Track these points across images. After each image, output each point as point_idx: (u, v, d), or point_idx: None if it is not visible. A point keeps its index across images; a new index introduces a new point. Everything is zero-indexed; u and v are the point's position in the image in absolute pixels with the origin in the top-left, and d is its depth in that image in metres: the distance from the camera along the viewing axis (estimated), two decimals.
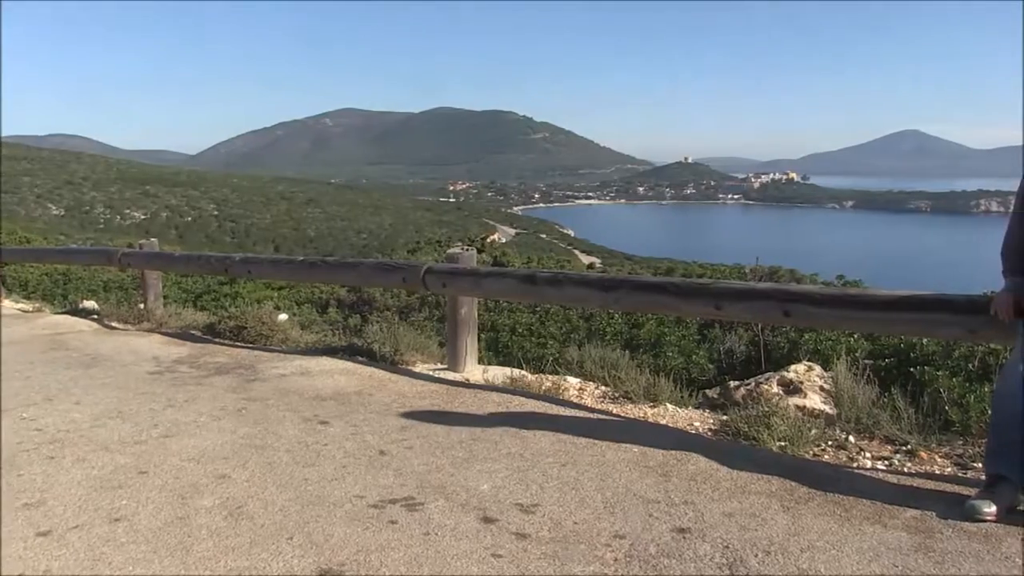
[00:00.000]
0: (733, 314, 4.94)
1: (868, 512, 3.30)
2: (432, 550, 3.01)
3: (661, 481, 3.69)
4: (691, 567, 2.85)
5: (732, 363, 6.96)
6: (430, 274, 6.22)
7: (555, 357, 6.76)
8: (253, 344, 7.44)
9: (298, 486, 3.69)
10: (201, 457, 4.10)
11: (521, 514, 3.34)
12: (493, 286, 6.11)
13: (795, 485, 3.61)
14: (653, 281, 5.44)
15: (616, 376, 5.75)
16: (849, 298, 4.45)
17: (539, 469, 3.86)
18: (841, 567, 2.82)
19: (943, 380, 4.83)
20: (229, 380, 5.83)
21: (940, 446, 4.34)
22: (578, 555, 2.95)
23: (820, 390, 5.24)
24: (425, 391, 5.45)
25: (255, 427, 4.63)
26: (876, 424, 4.59)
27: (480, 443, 4.25)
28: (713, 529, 3.16)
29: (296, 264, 8.16)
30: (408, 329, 7.51)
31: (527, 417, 4.73)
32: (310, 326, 8.87)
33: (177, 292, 14.80)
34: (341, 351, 6.85)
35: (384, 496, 3.55)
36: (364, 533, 3.17)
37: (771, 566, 2.84)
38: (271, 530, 3.21)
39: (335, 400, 5.23)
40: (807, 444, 4.38)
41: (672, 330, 7.88)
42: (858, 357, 5.51)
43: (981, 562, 2.84)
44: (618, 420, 4.89)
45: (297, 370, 6.06)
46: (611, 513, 3.34)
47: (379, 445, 4.27)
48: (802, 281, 10.93)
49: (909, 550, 2.94)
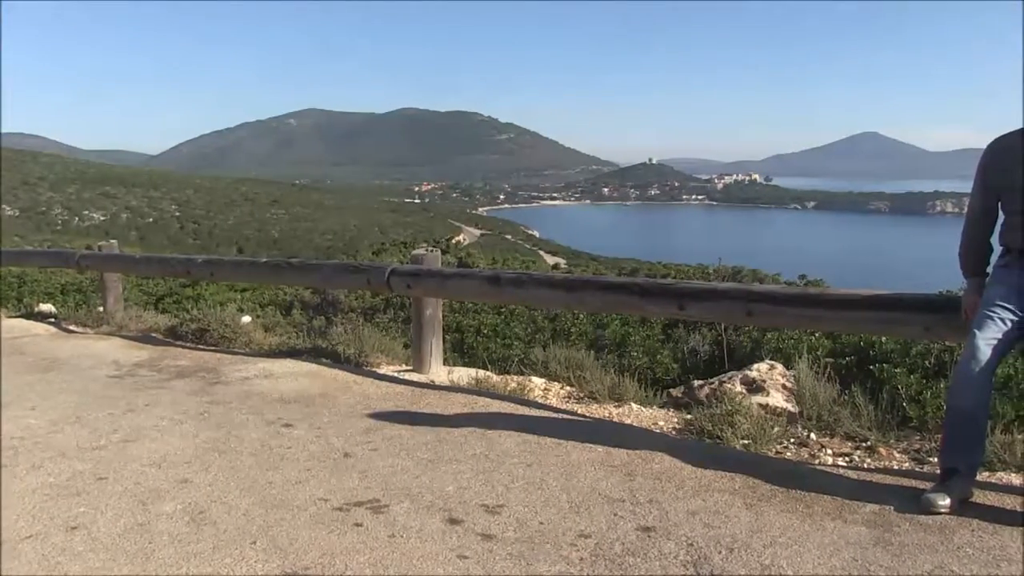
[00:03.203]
0: (696, 314, 4.98)
1: (829, 508, 3.35)
2: (398, 552, 3.00)
3: (626, 480, 3.71)
4: (656, 565, 2.87)
5: (696, 362, 7.00)
6: (395, 275, 6.21)
7: (520, 358, 6.76)
8: (216, 347, 7.37)
9: (262, 490, 3.66)
10: (162, 462, 4.06)
11: (487, 515, 3.34)
12: (458, 287, 6.12)
13: (758, 482, 3.64)
14: (617, 281, 5.47)
15: (581, 376, 5.77)
16: (810, 298, 4.51)
17: (504, 470, 3.86)
18: (803, 562, 2.86)
19: (901, 377, 4.90)
20: (191, 383, 5.78)
21: (898, 442, 4.41)
22: (544, 555, 2.96)
23: (782, 388, 5.29)
24: (390, 393, 5.44)
25: (218, 431, 4.59)
26: (837, 421, 4.66)
27: (445, 444, 4.25)
28: (677, 527, 3.18)
29: (259, 266, 8.10)
30: (373, 331, 7.47)
31: (492, 418, 4.74)
32: (274, 328, 8.78)
33: (138, 295, 14.60)
34: (305, 353, 6.81)
35: (349, 499, 3.54)
36: (329, 536, 3.15)
37: (735, 563, 2.87)
38: (234, 535, 3.18)
39: (299, 403, 5.20)
40: (770, 442, 4.43)
41: (637, 330, 7.91)
42: (819, 356, 5.57)
43: (936, 553, 2.90)
44: (583, 420, 4.91)
45: (260, 373, 6.02)
46: (576, 513, 3.35)
47: (344, 447, 4.25)
48: (765, 281, 11.03)
49: (868, 544, 2.98)
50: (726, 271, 10.53)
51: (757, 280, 10.94)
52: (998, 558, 2.86)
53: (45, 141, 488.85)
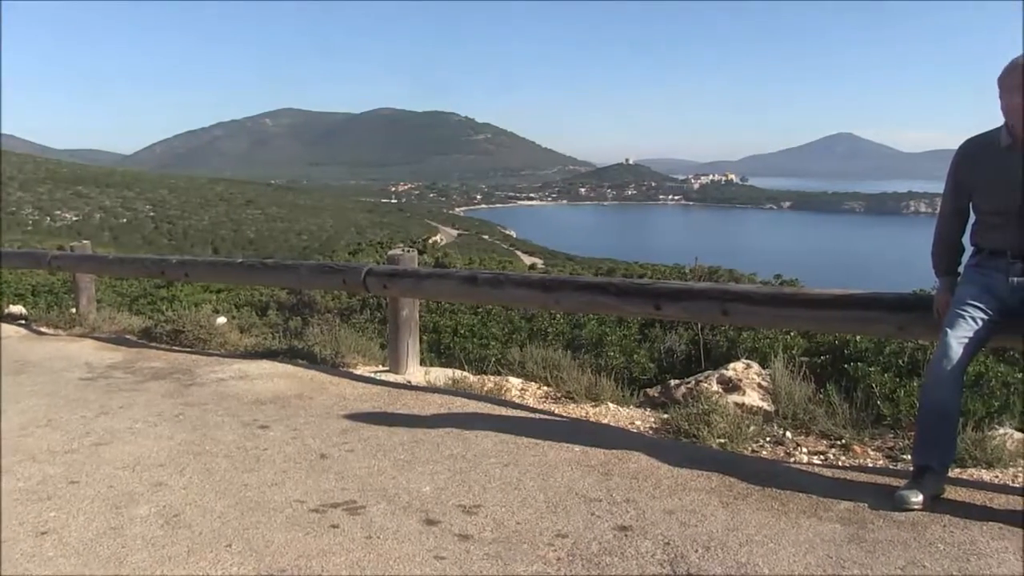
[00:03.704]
0: (673, 314, 4.99)
1: (804, 505, 3.37)
2: (374, 553, 2.99)
3: (603, 480, 3.72)
4: (633, 564, 2.88)
5: (672, 362, 7.02)
6: (371, 276, 6.19)
7: (497, 358, 6.76)
8: (191, 348, 7.32)
9: (237, 492, 3.64)
10: (136, 465, 4.02)
11: (464, 515, 3.34)
12: (434, 287, 6.11)
13: (734, 481, 3.66)
14: (594, 282, 5.48)
15: (558, 376, 5.78)
16: (785, 297, 4.54)
17: (481, 470, 3.86)
18: (778, 560, 2.87)
19: (875, 376, 4.95)
20: (166, 385, 5.73)
21: (873, 439, 4.45)
22: (521, 555, 2.96)
23: (758, 387, 5.33)
24: (367, 393, 5.42)
25: (193, 433, 4.56)
26: (812, 420, 4.69)
27: (422, 445, 4.24)
28: (654, 526, 3.19)
29: (235, 266, 8.05)
30: (349, 331, 7.46)
31: (469, 418, 4.74)
32: (249, 329, 8.75)
33: (111, 296, 14.47)
34: (281, 354, 6.78)
35: (325, 500, 3.52)
36: (305, 538, 3.14)
37: (711, 561, 2.88)
38: (209, 538, 3.16)
39: (275, 404, 5.17)
40: (746, 440, 4.45)
41: (613, 330, 7.93)
42: (795, 355, 5.61)
43: (908, 549, 2.93)
44: (560, 420, 4.91)
45: (236, 374, 5.98)
46: (553, 512, 3.35)
47: (320, 449, 4.23)
48: (741, 280, 11.09)
49: (843, 541, 3.01)
50: (702, 271, 10.57)
51: (733, 280, 10.99)
52: (968, 553, 2.90)
53: (16, 140, 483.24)
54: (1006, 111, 3.45)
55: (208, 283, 13.98)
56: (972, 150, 3.62)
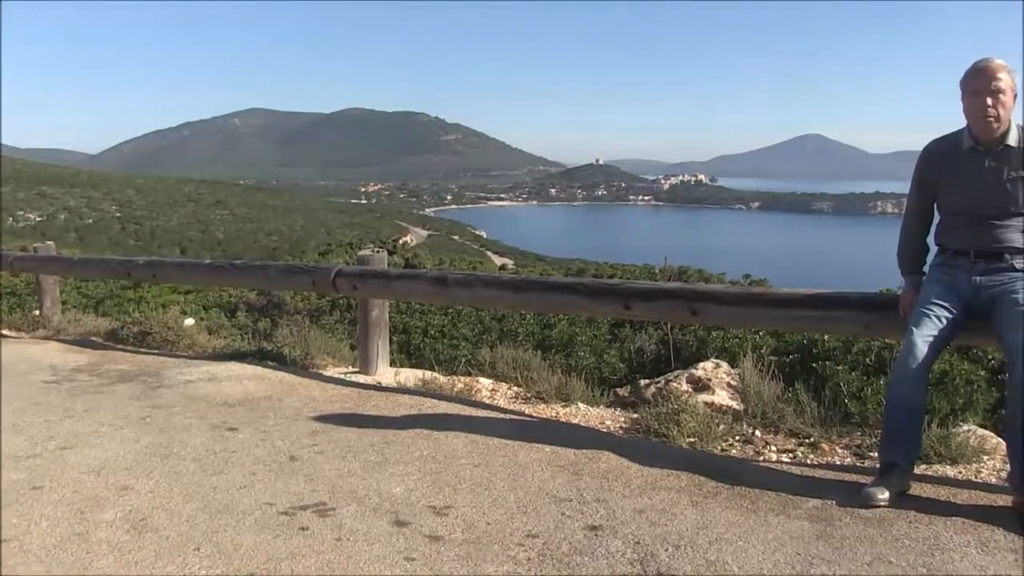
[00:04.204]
0: (642, 313, 5.01)
1: (773, 503, 3.39)
2: (344, 556, 2.98)
3: (573, 479, 3.72)
4: (603, 564, 2.89)
5: (642, 362, 7.05)
6: (340, 276, 6.16)
7: (467, 358, 6.76)
8: (158, 350, 7.25)
9: (206, 495, 3.61)
10: (102, 469, 3.97)
11: (434, 516, 3.33)
12: (404, 288, 6.09)
13: (704, 480, 3.68)
14: (564, 282, 5.49)
15: (528, 376, 5.79)
16: (754, 297, 4.58)
17: (452, 471, 3.85)
18: (748, 557, 2.89)
19: (843, 374, 4.99)
20: (132, 388, 5.67)
21: (840, 437, 4.50)
22: (491, 555, 2.96)
23: (728, 387, 5.36)
24: (336, 395, 5.40)
25: (160, 435, 4.51)
26: (781, 418, 4.72)
27: (392, 446, 4.23)
28: (624, 525, 3.20)
29: (203, 267, 7.99)
30: (319, 332, 7.42)
31: (440, 419, 4.73)
32: (218, 331, 8.67)
33: (76, 297, 14.29)
34: (250, 356, 6.73)
35: (295, 502, 3.50)
36: (274, 541, 3.11)
37: (681, 559, 2.89)
38: (177, 541, 3.12)
39: (244, 406, 5.14)
40: (715, 439, 4.48)
41: (583, 330, 7.94)
42: (763, 354, 5.65)
43: (875, 545, 2.97)
44: (530, 420, 4.91)
45: (204, 376, 5.93)
46: (524, 513, 3.35)
47: (289, 451, 4.20)
48: (710, 280, 11.16)
49: (811, 538, 3.03)
50: (672, 271, 10.62)
51: (703, 280, 11.06)
52: (932, 547, 2.94)
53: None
54: (968, 113, 3.52)
55: (176, 284, 13.85)
56: (936, 151, 3.68)
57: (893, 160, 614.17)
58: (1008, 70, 3.43)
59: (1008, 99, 3.43)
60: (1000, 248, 3.48)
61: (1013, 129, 3.47)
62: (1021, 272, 3.46)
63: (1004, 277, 3.46)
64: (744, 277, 13.74)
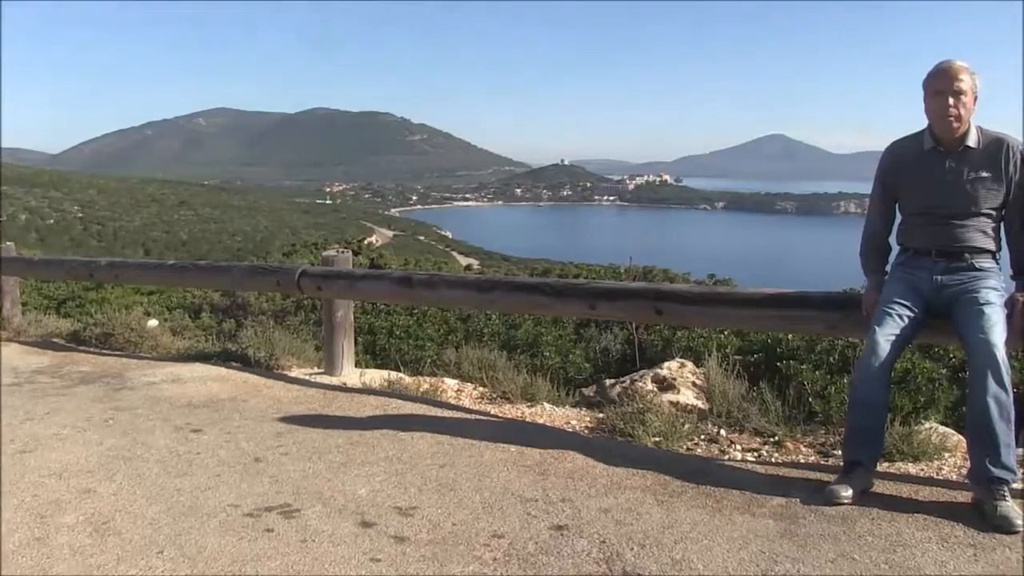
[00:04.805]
0: (607, 313, 5.03)
1: (738, 502, 3.41)
2: (309, 557, 2.95)
3: (539, 479, 3.72)
4: (569, 564, 2.88)
5: (608, 361, 7.08)
6: (305, 277, 6.12)
7: (433, 359, 6.74)
8: (121, 351, 7.16)
9: (169, 497, 3.56)
10: (63, 472, 3.90)
11: (400, 517, 3.31)
12: (369, 289, 6.07)
13: (669, 479, 3.69)
14: (529, 282, 5.49)
15: (494, 377, 5.78)
16: (718, 296, 4.60)
17: (417, 471, 3.84)
18: (713, 556, 2.90)
19: (807, 373, 5.04)
20: (95, 390, 5.59)
21: (805, 436, 4.53)
22: (457, 556, 2.95)
23: (693, 386, 5.39)
24: (301, 396, 5.36)
25: (123, 438, 4.45)
26: (746, 417, 4.75)
27: (358, 447, 4.21)
28: (590, 525, 3.20)
29: (166, 268, 7.91)
30: (284, 333, 7.36)
31: (405, 419, 4.71)
32: (182, 332, 8.58)
33: (37, 299, 14.09)
34: (215, 357, 6.67)
35: (260, 504, 3.47)
36: (239, 543, 3.08)
37: (646, 558, 2.90)
38: (140, 545, 3.08)
39: (208, 407, 5.08)
40: (681, 439, 4.49)
41: (549, 330, 7.96)
42: (728, 353, 5.68)
43: (838, 543, 2.99)
44: (496, 420, 4.91)
45: (168, 377, 5.86)
46: (489, 513, 3.34)
47: (254, 452, 4.17)
48: (675, 280, 11.21)
49: (775, 536, 3.05)
50: (637, 271, 10.66)
51: (668, 279, 11.11)
52: (894, 544, 2.97)
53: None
54: (930, 113, 3.57)
55: (139, 285, 13.70)
56: (898, 152, 3.73)
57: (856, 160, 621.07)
58: (969, 72, 3.49)
59: (969, 100, 3.49)
60: (961, 247, 3.53)
61: (972, 130, 3.54)
62: (981, 271, 3.51)
63: (964, 276, 3.51)
64: (709, 277, 13.82)
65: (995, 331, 3.30)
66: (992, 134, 3.56)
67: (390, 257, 22.01)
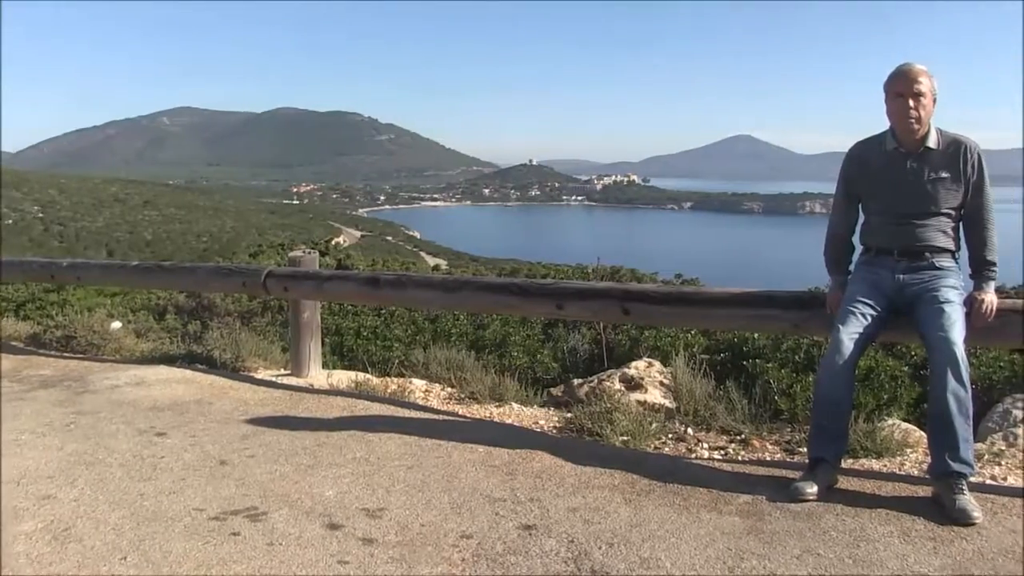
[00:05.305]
0: (575, 313, 5.04)
1: (705, 500, 3.44)
2: (276, 560, 2.94)
3: (507, 480, 3.72)
4: (538, 563, 2.89)
5: (576, 361, 7.09)
6: (271, 278, 6.08)
7: (401, 360, 6.72)
8: (83, 354, 7.07)
9: (133, 502, 3.52)
10: (22, 478, 3.83)
11: (367, 519, 3.30)
12: (336, 289, 6.04)
13: (637, 478, 3.71)
14: (496, 282, 5.50)
15: (462, 377, 5.78)
16: (685, 296, 4.63)
17: (385, 472, 3.83)
18: (680, 554, 2.93)
19: (773, 372, 5.08)
20: (56, 393, 5.51)
21: (771, 434, 4.58)
22: (425, 557, 2.95)
23: (660, 385, 5.42)
24: (268, 398, 5.33)
25: (85, 442, 4.39)
26: (713, 416, 4.79)
27: (325, 448, 4.19)
28: (558, 524, 3.21)
29: (130, 269, 7.82)
30: (250, 335, 7.31)
31: (373, 420, 4.69)
32: (146, 334, 8.48)
33: None
34: (179, 359, 6.60)
35: (226, 507, 3.44)
36: (204, 547, 3.05)
37: (614, 557, 2.91)
38: (102, 551, 3.04)
39: (173, 410, 5.03)
40: (648, 438, 4.51)
41: (517, 330, 7.96)
42: (695, 352, 5.72)
43: (803, 539, 3.03)
44: (464, 421, 4.91)
45: (132, 380, 5.79)
46: (458, 513, 3.34)
47: (220, 455, 4.13)
48: (643, 280, 11.26)
49: (742, 533, 3.08)
50: (605, 271, 10.71)
51: (635, 279, 11.16)
52: (858, 539, 3.02)
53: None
54: (891, 115, 3.63)
55: (102, 287, 13.52)
56: (860, 153, 3.78)
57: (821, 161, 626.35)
58: (928, 75, 3.55)
59: (928, 102, 3.55)
60: (922, 247, 3.59)
61: (932, 132, 3.60)
62: (941, 271, 3.58)
63: (926, 275, 3.57)
64: (676, 276, 13.89)
65: (955, 329, 3.36)
66: (950, 135, 3.62)
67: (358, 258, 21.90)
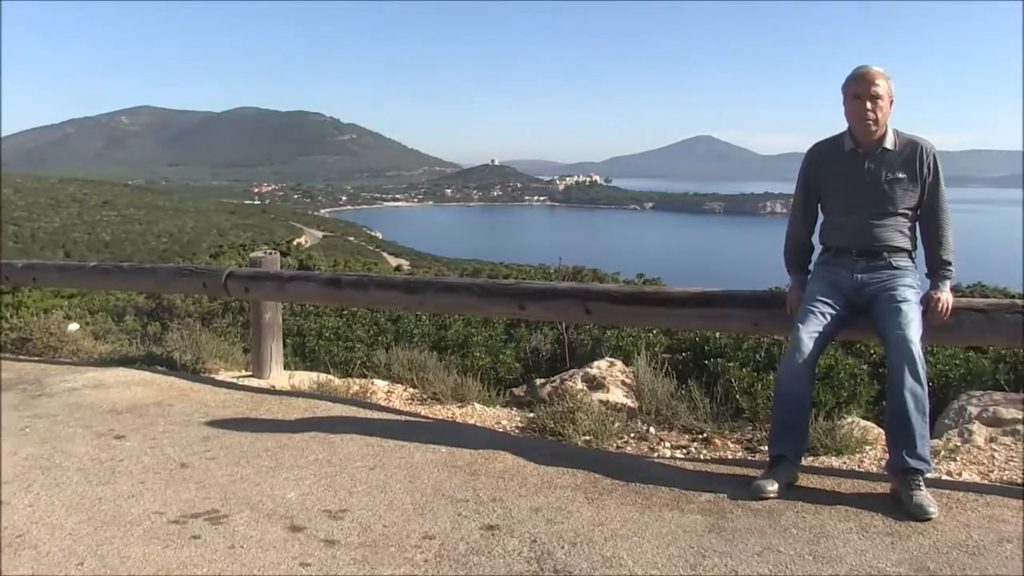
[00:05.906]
0: (536, 313, 5.04)
1: (667, 499, 3.46)
2: (238, 563, 2.91)
3: (469, 480, 3.72)
4: (500, 563, 2.89)
5: (538, 361, 7.11)
6: (232, 279, 6.02)
7: (363, 360, 6.70)
8: (40, 357, 6.95)
9: (90, 507, 3.47)
10: None
11: (330, 520, 3.28)
12: (297, 290, 5.99)
13: (599, 477, 3.72)
14: (458, 282, 5.49)
15: (424, 378, 5.76)
16: (647, 296, 4.65)
17: (347, 474, 3.81)
18: (642, 552, 2.94)
19: (734, 371, 5.13)
20: (11, 397, 5.41)
21: (732, 432, 4.62)
22: (388, 558, 2.93)
23: (622, 384, 5.44)
24: (229, 400, 5.27)
25: (41, 446, 4.31)
26: (675, 415, 4.82)
27: (287, 450, 4.15)
28: (521, 524, 3.21)
29: (87, 270, 7.69)
30: (211, 336, 7.23)
31: (335, 422, 4.67)
32: (105, 336, 8.37)
33: None
34: (139, 361, 6.51)
35: (186, 511, 3.40)
36: (164, 551, 3.02)
37: (577, 556, 2.92)
38: (58, 557, 2.99)
39: (132, 413, 4.96)
40: (611, 437, 4.53)
41: (479, 330, 7.96)
42: (657, 352, 5.75)
43: (764, 536, 3.06)
44: (426, 421, 4.89)
45: (90, 383, 5.71)
46: (420, 514, 3.33)
47: (180, 458, 4.08)
48: (605, 280, 11.29)
49: (703, 531, 3.10)
50: (567, 271, 10.73)
51: (597, 279, 11.19)
52: (818, 535, 3.06)
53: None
54: (849, 116, 3.68)
55: (59, 288, 13.31)
56: (819, 154, 3.83)
57: (783, 161, 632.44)
58: (885, 76, 3.61)
59: (886, 104, 3.61)
60: (880, 247, 3.64)
61: (890, 133, 3.66)
62: (899, 270, 3.63)
63: (883, 275, 3.63)
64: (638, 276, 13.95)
65: (912, 327, 3.41)
66: (907, 137, 3.68)
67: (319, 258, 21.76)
